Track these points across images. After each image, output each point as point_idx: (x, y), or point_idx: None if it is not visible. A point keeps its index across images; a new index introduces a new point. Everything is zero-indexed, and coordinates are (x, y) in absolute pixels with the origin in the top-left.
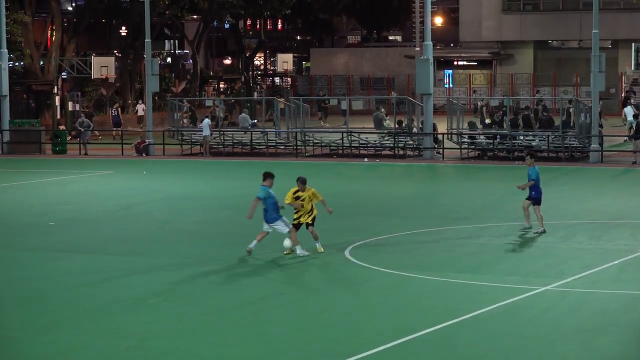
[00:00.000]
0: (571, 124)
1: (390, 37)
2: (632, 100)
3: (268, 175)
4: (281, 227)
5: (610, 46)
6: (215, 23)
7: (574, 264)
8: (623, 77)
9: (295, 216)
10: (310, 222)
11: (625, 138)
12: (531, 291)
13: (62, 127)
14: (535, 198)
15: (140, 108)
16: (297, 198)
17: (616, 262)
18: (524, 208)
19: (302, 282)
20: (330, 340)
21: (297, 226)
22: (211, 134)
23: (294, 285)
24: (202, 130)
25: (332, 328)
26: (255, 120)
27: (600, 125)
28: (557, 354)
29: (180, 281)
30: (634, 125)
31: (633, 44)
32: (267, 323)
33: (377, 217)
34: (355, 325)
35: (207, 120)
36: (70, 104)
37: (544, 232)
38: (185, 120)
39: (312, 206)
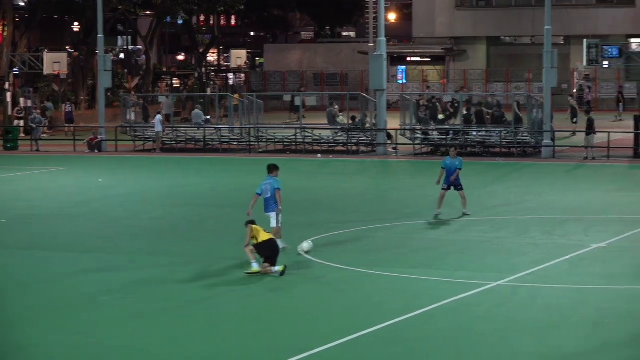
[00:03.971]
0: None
1: (344, 33)
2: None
3: (276, 167)
4: (274, 219)
5: (562, 42)
6: (168, 19)
7: (526, 259)
8: (575, 73)
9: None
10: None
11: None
12: (483, 286)
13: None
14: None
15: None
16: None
17: (568, 257)
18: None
19: (255, 278)
20: (284, 336)
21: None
22: (164, 130)
23: (247, 281)
24: (154, 127)
25: (285, 324)
26: (209, 117)
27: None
28: (510, 349)
29: (134, 278)
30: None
31: (585, 40)
32: (222, 319)
33: (330, 213)
34: (308, 321)
35: (159, 117)
36: (22, 100)
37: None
38: (133, 114)
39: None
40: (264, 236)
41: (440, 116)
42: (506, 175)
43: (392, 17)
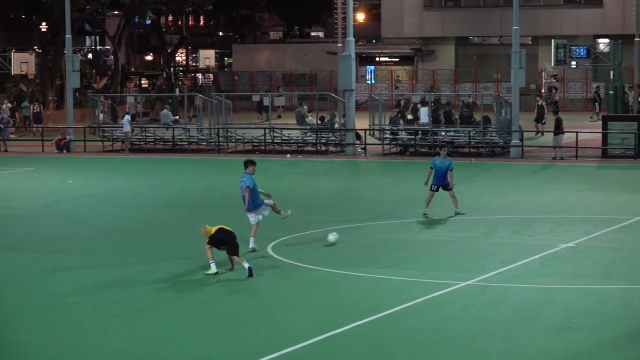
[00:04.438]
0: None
1: (313, 34)
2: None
3: (251, 163)
4: (265, 211)
5: (530, 42)
6: (136, 19)
7: (495, 259)
8: (543, 73)
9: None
10: None
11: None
12: (452, 286)
13: None
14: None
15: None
16: None
17: (536, 256)
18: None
19: (225, 278)
20: (253, 336)
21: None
22: (132, 130)
23: (217, 281)
24: (123, 127)
25: (255, 324)
26: (177, 117)
27: None
28: (478, 349)
29: (104, 278)
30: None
31: (553, 40)
32: (192, 319)
33: (300, 214)
34: (278, 321)
35: (127, 117)
36: None
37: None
38: (102, 115)
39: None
40: (214, 228)
41: (409, 116)
42: (475, 175)
43: (361, 17)
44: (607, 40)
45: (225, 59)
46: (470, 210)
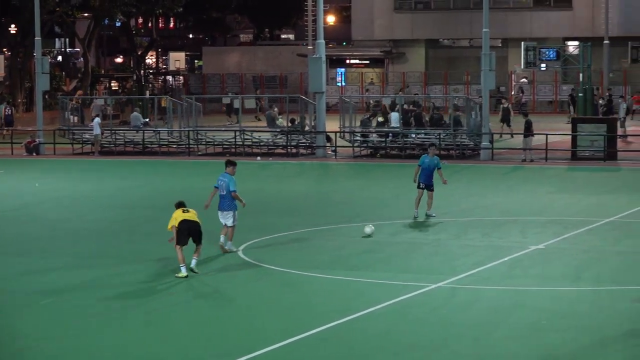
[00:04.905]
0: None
1: (283, 36)
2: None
3: (232, 164)
4: (229, 220)
5: (500, 45)
6: (106, 21)
7: (465, 261)
8: (513, 75)
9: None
10: None
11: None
12: (423, 288)
13: None
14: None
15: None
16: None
17: (506, 258)
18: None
19: (195, 281)
20: (224, 338)
21: None
22: (102, 133)
23: (187, 283)
24: (92, 129)
25: (225, 327)
26: (147, 119)
27: None
28: (450, 350)
29: (75, 280)
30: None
31: (522, 42)
32: (162, 322)
33: (271, 216)
34: (249, 324)
35: (97, 119)
36: None
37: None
38: (72, 117)
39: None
40: (179, 218)
41: (380, 118)
42: (446, 178)
43: (331, 19)
44: (576, 43)
45: (196, 61)
46: (441, 212)
